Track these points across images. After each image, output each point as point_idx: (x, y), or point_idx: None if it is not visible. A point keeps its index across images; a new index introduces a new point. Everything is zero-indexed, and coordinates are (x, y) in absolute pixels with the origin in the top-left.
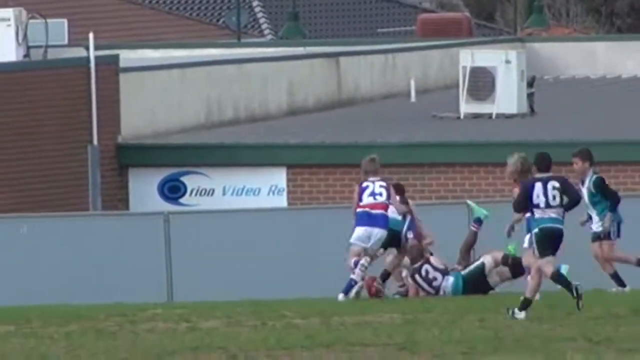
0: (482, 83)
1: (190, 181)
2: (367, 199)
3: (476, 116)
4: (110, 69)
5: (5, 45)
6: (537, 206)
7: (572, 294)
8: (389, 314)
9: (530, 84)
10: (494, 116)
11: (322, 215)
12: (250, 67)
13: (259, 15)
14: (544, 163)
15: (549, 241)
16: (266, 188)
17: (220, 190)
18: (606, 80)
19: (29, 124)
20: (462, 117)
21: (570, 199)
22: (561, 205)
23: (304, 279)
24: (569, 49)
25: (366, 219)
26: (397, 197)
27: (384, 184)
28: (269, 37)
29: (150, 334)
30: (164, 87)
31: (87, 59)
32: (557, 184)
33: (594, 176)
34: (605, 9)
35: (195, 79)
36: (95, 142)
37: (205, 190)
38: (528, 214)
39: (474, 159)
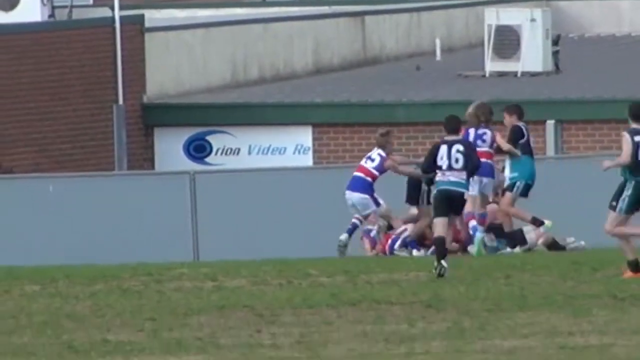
0: (508, 41)
1: (216, 140)
2: (361, 162)
3: (501, 74)
4: (135, 28)
5: (30, 5)
6: (440, 168)
7: (435, 266)
8: (415, 272)
9: (555, 42)
10: (519, 74)
11: (347, 174)
12: (275, 26)
13: None
14: (452, 126)
15: (444, 203)
16: (292, 147)
17: (246, 150)
18: (631, 37)
19: (54, 84)
20: (487, 75)
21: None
22: (465, 168)
23: (329, 237)
24: (594, 7)
25: (349, 182)
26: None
27: (382, 152)
28: None
29: (176, 293)
30: (189, 46)
31: (112, 18)
32: (461, 148)
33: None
34: None
35: (220, 39)
36: (120, 101)
37: (231, 150)
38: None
39: (499, 117)
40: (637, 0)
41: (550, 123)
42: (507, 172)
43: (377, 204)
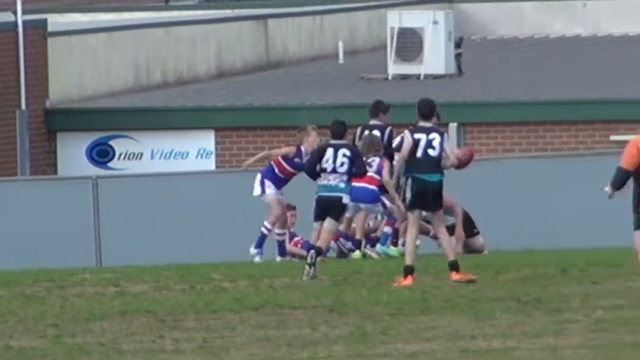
0: (410, 44)
1: (119, 145)
2: None
3: (404, 77)
4: (38, 33)
5: None
6: (324, 170)
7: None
8: (318, 276)
9: (458, 45)
10: (422, 77)
11: (250, 177)
12: (178, 30)
13: None
14: (337, 130)
15: (320, 208)
16: (195, 151)
17: (149, 154)
18: (534, 40)
19: None
20: (390, 78)
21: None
22: (348, 173)
23: (232, 242)
24: (497, 9)
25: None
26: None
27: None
28: (197, 0)
29: (79, 299)
30: (92, 51)
31: (15, 23)
32: (348, 152)
33: None
34: None
35: (123, 43)
36: (23, 106)
37: (134, 154)
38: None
39: (403, 120)
40: (539, 2)
41: (453, 126)
42: None
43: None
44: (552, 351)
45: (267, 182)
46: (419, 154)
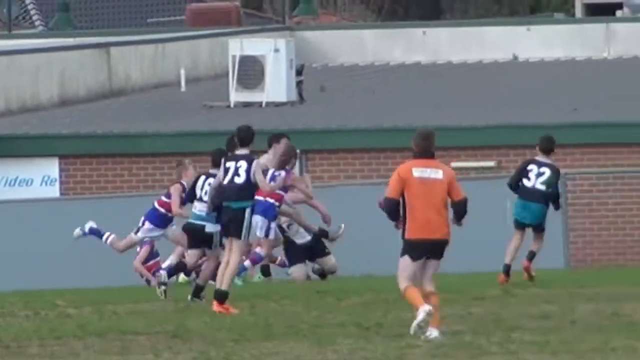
0: (252, 72)
1: None
2: None
3: (246, 105)
4: None
5: None
6: (200, 199)
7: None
8: (161, 302)
9: (299, 72)
10: (263, 104)
11: (94, 205)
12: (21, 58)
13: (30, 6)
14: (217, 159)
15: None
16: (39, 178)
17: None
18: (374, 67)
19: None
20: (232, 105)
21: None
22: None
23: (77, 268)
24: (338, 37)
25: None
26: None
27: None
28: (40, 28)
29: None
30: None
31: None
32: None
33: None
34: None
35: None
36: None
37: None
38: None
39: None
40: (379, 30)
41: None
42: None
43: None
44: None
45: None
46: (225, 181)
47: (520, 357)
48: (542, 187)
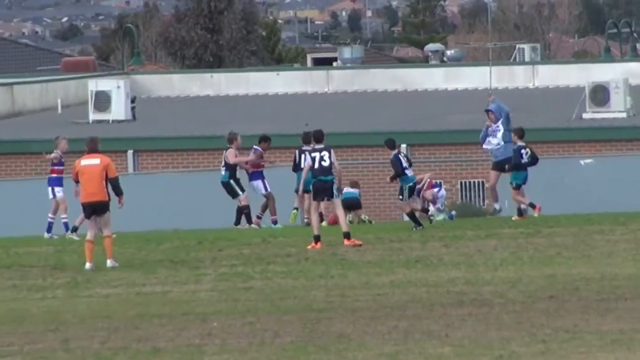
0: (103, 100)
1: None
2: None
3: (100, 121)
4: None
5: None
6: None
7: None
8: (46, 246)
9: (133, 101)
10: (110, 121)
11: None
12: None
13: None
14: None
15: None
16: None
17: None
18: (181, 98)
19: None
20: (91, 122)
21: None
22: None
23: None
24: (157, 79)
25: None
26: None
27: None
28: None
29: None
30: None
31: None
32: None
33: None
34: (179, 53)
35: None
36: None
37: None
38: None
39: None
40: (183, 74)
41: (130, 152)
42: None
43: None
44: (193, 293)
45: (57, 188)
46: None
47: (274, 281)
48: None
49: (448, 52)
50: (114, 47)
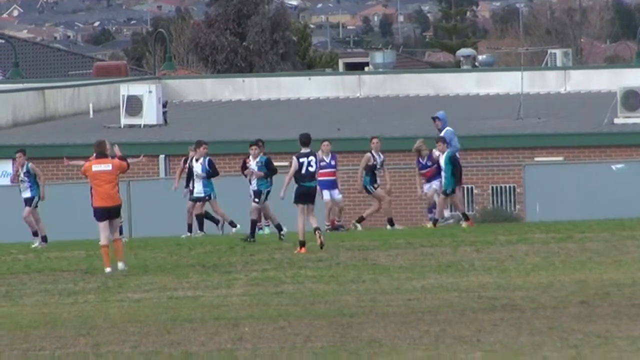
0: (135, 105)
1: None
2: None
3: (131, 126)
4: None
5: None
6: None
7: None
8: (77, 251)
9: (164, 105)
10: (142, 126)
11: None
12: None
13: None
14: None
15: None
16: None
17: None
18: (212, 103)
19: None
20: (122, 127)
21: None
22: None
23: (23, 228)
24: (188, 83)
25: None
26: None
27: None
28: (0, 77)
29: None
30: None
31: None
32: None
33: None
34: (210, 58)
35: None
36: None
37: None
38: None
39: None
40: (215, 79)
41: (162, 157)
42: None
43: None
44: (224, 298)
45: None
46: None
47: (306, 286)
48: None
49: (480, 57)
50: (145, 52)
